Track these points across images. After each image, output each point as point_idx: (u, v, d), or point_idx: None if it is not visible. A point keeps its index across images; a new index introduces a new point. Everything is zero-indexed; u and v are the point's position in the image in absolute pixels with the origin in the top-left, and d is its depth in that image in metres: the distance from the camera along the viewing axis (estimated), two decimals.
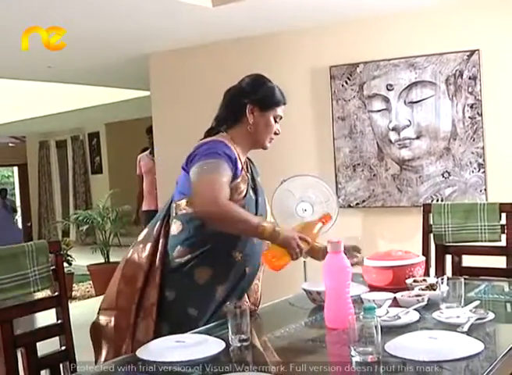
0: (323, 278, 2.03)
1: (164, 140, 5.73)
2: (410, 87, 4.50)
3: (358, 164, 4.74)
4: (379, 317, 1.75)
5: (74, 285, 7.66)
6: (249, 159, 2.41)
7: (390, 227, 4.66)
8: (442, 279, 2.23)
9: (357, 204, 4.76)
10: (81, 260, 7.77)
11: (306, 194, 4.17)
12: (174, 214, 2.24)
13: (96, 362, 2.18)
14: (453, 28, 4.39)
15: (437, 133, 4.44)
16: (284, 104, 2.37)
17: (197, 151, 2.20)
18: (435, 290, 2.27)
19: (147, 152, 6.67)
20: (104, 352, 2.20)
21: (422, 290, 2.31)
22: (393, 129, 4.59)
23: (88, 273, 7.53)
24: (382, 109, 4.62)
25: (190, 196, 2.18)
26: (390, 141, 4.61)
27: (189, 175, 2.17)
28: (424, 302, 2.17)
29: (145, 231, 2.32)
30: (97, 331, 2.25)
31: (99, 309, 2.27)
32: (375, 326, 1.65)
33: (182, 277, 2.19)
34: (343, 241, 2.04)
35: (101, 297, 2.32)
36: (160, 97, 5.77)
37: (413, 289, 2.34)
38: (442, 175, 4.44)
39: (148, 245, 2.23)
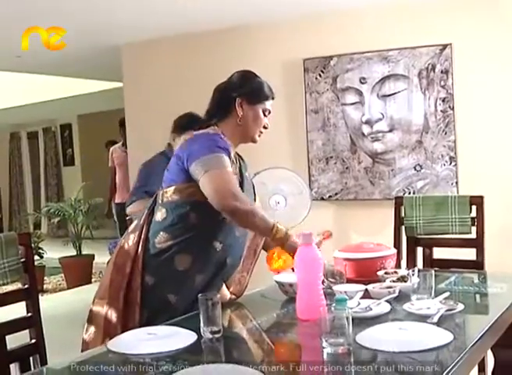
0: (295, 270, 2.03)
1: (137, 132, 5.69)
2: (383, 80, 4.52)
3: (331, 157, 4.76)
4: (351, 309, 1.76)
5: (46, 278, 7.58)
6: (238, 154, 2.43)
7: (362, 220, 4.69)
8: (413, 271, 2.23)
9: (330, 196, 4.78)
10: (53, 253, 7.69)
11: (279, 187, 4.18)
12: (160, 201, 2.27)
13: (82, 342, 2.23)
14: (426, 22, 4.42)
15: (409, 127, 4.47)
16: (273, 98, 2.41)
17: (197, 142, 2.23)
18: (406, 281, 2.28)
19: (120, 144, 6.62)
20: (92, 334, 2.23)
21: (393, 282, 2.31)
22: (366, 122, 4.61)
23: (60, 265, 7.46)
24: (356, 102, 4.64)
25: (179, 184, 2.22)
26: (363, 134, 4.63)
27: (183, 164, 2.20)
28: (396, 294, 2.18)
29: (136, 221, 2.35)
30: (91, 318, 2.27)
31: (93, 299, 2.29)
32: (347, 318, 1.65)
33: (162, 263, 2.20)
34: (326, 265, 2.11)
35: (74, 290, 2.31)
36: (133, 88, 5.73)
37: (384, 281, 2.35)
38: (414, 168, 4.47)
39: (136, 233, 2.27)
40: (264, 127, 2.40)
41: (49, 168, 12.41)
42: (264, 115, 2.38)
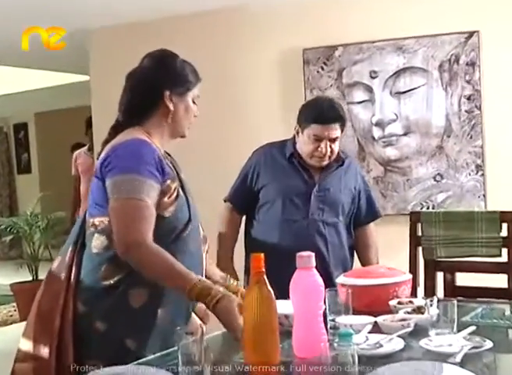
0: (291, 299, 2.02)
1: (105, 133, 5.67)
2: (397, 74, 4.53)
3: None
4: (357, 345, 1.75)
5: None
6: (167, 153, 2.41)
7: None
8: (432, 300, 2.24)
9: None
10: (3, 278, 7.66)
11: None
12: (93, 229, 2.22)
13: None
14: (449, 6, 4.43)
15: (428, 129, 4.48)
16: (199, 81, 2.41)
17: (110, 158, 2.18)
18: (423, 313, 2.28)
19: (86, 149, 6.61)
20: None
21: (408, 313, 2.31)
22: (377, 124, 4.62)
23: (11, 293, 7.41)
24: (364, 101, 4.65)
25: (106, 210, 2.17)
26: (373, 138, 4.64)
27: (104, 185, 2.17)
28: (411, 328, 2.17)
29: (58, 260, 2.30)
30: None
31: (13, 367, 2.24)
32: (352, 356, 1.65)
33: (113, 303, 2.16)
34: None
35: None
36: (101, 82, 5.72)
37: (397, 312, 2.35)
38: (434, 178, 4.48)
39: (62, 275, 2.22)
40: (194, 116, 2.40)
41: (0, 176, 12.37)
42: (194, 102, 2.38)
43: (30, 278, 7.46)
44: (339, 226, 3.24)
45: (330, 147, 3.08)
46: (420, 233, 3.12)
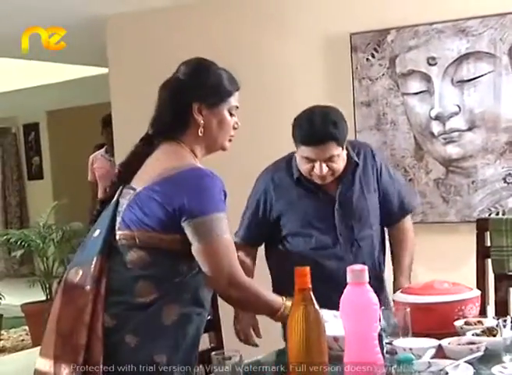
0: (341, 318, 2.01)
1: (126, 133, 5.69)
2: (459, 60, 4.50)
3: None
4: (419, 372, 1.73)
5: (3, 332, 7.62)
6: None
7: (433, 250, 4.63)
8: (505, 320, 2.21)
9: None
10: (14, 298, 7.74)
11: None
12: (131, 243, 2.32)
13: None
14: None
15: (497, 123, 4.44)
16: (237, 90, 2.48)
17: (190, 187, 2.29)
18: (495, 335, 2.26)
19: (103, 151, 6.66)
20: None
21: (477, 335, 2.29)
22: (437, 118, 4.59)
23: (23, 314, 7.49)
24: (422, 92, 4.62)
25: (161, 233, 2.29)
26: (432, 135, 4.61)
27: (167, 210, 2.27)
28: (481, 352, 2.16)
29: (79, 271, 2.36)
30: None
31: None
32: None
33: (146, 318, 2.28)
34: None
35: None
36: (121, 74, 5.77)
37: (464, 334, 2.33)
38: (504, 180, 4.43)
39: (87, 288, 2.28)
40: (234, 128, 2.49)
41: (8, 182, 12.50)
42: (231, 114, 2.46)
43: (44, 298, 7.53)
44: (374, 237, 3.22)
45: (328, 166, 3.01)
46: (489, 244, 3.09)
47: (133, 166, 2.43)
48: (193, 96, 2.39)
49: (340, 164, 3.06)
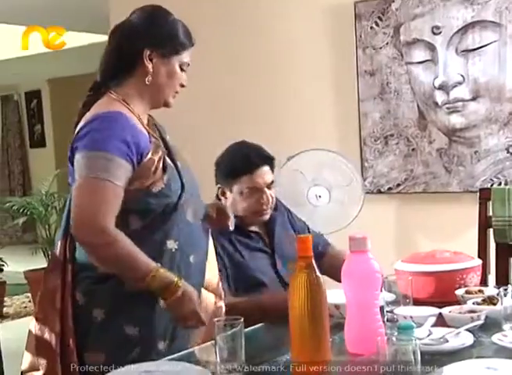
0: (343, 287, 2.02)
1: None
2: (464, 29, 4.47)
3: (392, 135, 4.73)
4: (419, 340, 1.74)
5: (6, 299, 7.66)
6: (151, 117, 2.46)
7: (435, 220, 4.65)
8: (506, 289, 2.22)
9: (390, 188, 4.75)
10: (16, 264, 7.76)
11: (321, 176, 4.16)
12: None
13: None
14: None
15: (501, 93, 4.42)
16: (192, 46, 2.42)
17: (82, 132, 2.23)
18: (495, 304, 2.27)
19: None
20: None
21: (478, 304, 2.30)
22: (440, 87, 4.57)
23: (26, 281, 7.52)
24: (426, 61, 4.60)
25: None
26: (436, 104, 4.59)
27: (72, 156, 2.25)
28: (481, 321, 2.17)
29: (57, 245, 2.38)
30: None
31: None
32: (414, 352, 1.64)
33: (109, 288, 2.25)
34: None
35: None
36: None
37: (465, 303, 2.34)
38: (508, 150, 4.43)
39: (57, 272, 2.30)
40: (182, 86, 2.42)
41: (11, 150, 12.51)
42: (182, 69, 2.40)
43: (46, 265, 7.55)
44: None
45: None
46: (490, 213, 3.10)
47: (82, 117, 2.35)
48: (145, 42, 2.32)
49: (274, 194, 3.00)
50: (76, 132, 2.27)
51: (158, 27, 2.37)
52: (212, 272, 2.45)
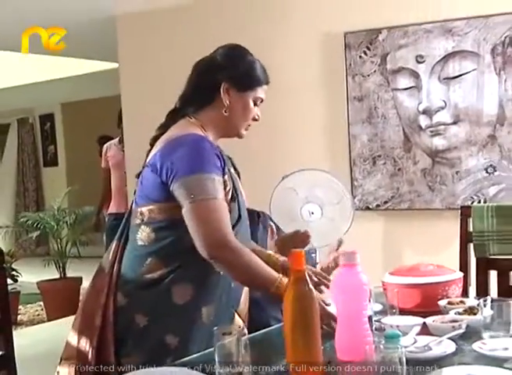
0: (333, 298, 2.02)
1: (136, 125, 5.70)
2: (446, 58, 4.49)
3: (379, 156, 4.73)
4: (405, 347, 1.74)
5: (20, 307, 7.64)
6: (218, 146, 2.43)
7: (419, 235, 4.65)
8: (485, 300, 2.21)
9: (378, 205, 4.75)
10: (30, 275, 7.75)
11: (313, 194, 4.15)
12: (140, 220, 2.27)
13: None
14: None
15: (479, 118, 4.43)
16: (267, 83, 2.44)
17: (180, 151, 2.20)
18: (475, 314, 2.26)
19: (117, 141, 6.65)
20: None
21: (459, 314, 2.30)
22: (424, 112, 4.58)
23: (39, 291, 7.51)
24: (410, 87, 4.61)
25: (161, 203, 2.22)
26: (420, 127, 4.60)
27: (161, 178, 2.20)
28: (462, 330, 2.16)
29: (105, 255, 2.37)
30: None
31: (60, 359, 2.29)
32: (400, 359, 1.64)
33: (156, 297, 2.22)
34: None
35: (56, 322, 2.36)
36: (131, 70, 5.75)
37: (447, 313, 2.33)
38: (486, 170, 4.43)
39: (106, 271, 2.29)
40: (254, 119, 2.43)
41: (26, 169, 12.51)
42: (255, 104, 2.41)
43: (57, 276, 7.55)
44: None
45: None
46: (471, 229, 3.09)
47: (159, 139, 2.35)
48: (224, 75, 2.33)
49: None
50: (160, 156, 2.23)
51: (238, 62, 2.38)
52: (245, 300, 2.44)
